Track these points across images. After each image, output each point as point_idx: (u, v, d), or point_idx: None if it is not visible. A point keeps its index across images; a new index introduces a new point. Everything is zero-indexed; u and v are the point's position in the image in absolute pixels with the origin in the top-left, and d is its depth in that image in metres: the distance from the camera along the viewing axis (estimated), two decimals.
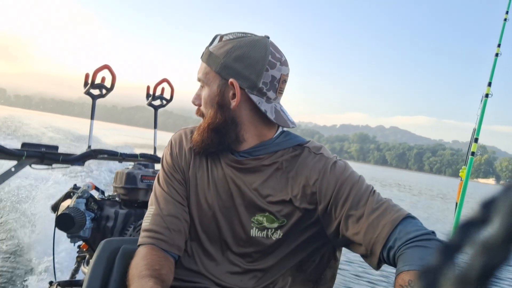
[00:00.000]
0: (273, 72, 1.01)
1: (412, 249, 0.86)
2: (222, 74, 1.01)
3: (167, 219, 1.05)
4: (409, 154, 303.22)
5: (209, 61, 1.04)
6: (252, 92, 1.01)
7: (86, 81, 2.22)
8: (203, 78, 1.05)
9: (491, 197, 0.19)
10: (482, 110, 2.55)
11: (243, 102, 1.02)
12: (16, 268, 3.36)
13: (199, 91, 1.09)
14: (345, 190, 0.99)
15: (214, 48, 1.04)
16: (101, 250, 1.17)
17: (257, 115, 1.04)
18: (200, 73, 1.06)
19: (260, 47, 1.01)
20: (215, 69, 1.02)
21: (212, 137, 1.04)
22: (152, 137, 2.70)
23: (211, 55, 1.03)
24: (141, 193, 1.95)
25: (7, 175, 1.94)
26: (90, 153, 2.12)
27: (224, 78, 1.01)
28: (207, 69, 1.04)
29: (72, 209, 1.72)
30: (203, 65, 1.06)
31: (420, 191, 32.11)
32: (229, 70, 1.01)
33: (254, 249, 1.06)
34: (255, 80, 1.00)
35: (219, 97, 1.03)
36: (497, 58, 2.73)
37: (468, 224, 0.17)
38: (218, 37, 1.05)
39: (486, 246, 0.15)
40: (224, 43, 1.02)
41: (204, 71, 1.05)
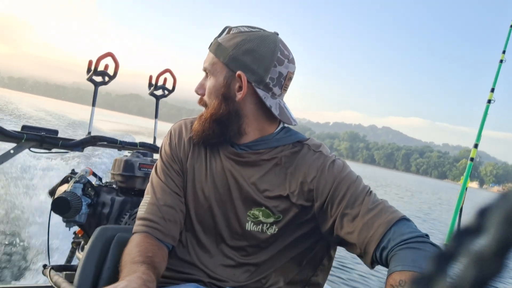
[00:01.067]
0: (281, 69, 1.02)
1: (405, 251, 0.87)
2: (230, 66, 1.02)
3: (162, 208, 1.05)
4: (397, 154, 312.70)
5: (217, 52, 1.03)
6: (258, 86, 1.02)
7: (89, 67, 2.21)
8: (210, 68, 1.05)
9: (487, 205, 0.19)
10: (484, 115, 2.55)
11: (248, 96, 1.02)
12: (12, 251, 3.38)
13: (203, 81, 1.08)
14: (342, 189, 1.00)
15: (223, 39, 1.03)
16: (96, 237, 1.17)
17: (261, 109, 1.05)
18: (207, 63, 1.06)
19: (270, 43, 1.01)
20: (223, 60, 1.02)
21: (213, 127, 1.04)
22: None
23: (220, 46, 1.03)
24: (138, 181, 1.95)
25: (5, 157, 1.94)
26: (89, 139, 2.12)
27: (231, 70, 1.02)
28: (214, 59, 1.04)
29: (69, 194, 1.72)
30: (211, 55, 1.05)
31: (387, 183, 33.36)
32: (237, 62, 1.01)
33: (248, 243, 1.06)
34: (262, 74, 1.01)
35: (224, 88, 1.03)
36: (501, 65, 2.72)
37: (463, 232, 0.17)
38: (228, 29, 1.05)
39: (479, 258, 0.15)
40: (233, 35, 1.02)
41: (212, 61, 1.05)
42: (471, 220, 0.18)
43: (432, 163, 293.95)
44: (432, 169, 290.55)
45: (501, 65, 2.72)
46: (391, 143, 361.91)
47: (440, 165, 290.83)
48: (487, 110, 2.64)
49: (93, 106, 2.33)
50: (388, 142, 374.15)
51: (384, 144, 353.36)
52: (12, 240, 3.54)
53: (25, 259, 3.22)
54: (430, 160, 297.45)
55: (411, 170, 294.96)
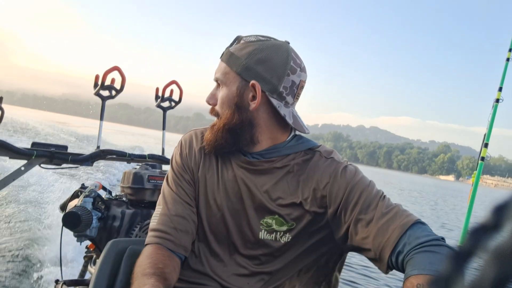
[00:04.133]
0: (294, 78, 1.03)
1: (421, 254, 0.85)
2: (243, 75, 1.01)
3: (174, 219, 1.05)
4: (379, 152, 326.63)
5: (229, 62, 1.03)
6: (272, 95, 1.02)
7: (96, 82, 2.24)
8: (222, 78, 1.05)
9: (502, 202, 0.18)
10: (493, 115, 2.52)
11: (262, 105, 1.03)
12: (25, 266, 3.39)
13: (215, 91, 1.08)
14: (355, 195, 0.99)
15: (235, 49, 1.03)
16: (108, 250, 1.17)
17: (274, 118, 1.05)
18: (219, 73, 1.06)
19: (282, 52, 1.02)
20: (235, 70, 1.02)
21: (226, 137, 1.04)
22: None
23: (232, 55, 1.03)
24: (147, 193, 1.96)
25: (16, 174, 1.96)
26: (98, 154, 2.13)
27: (244, 80, 1.02)
28: (226, 69, 1.04)
29: (79, 208, 1.73)
30: (223, 65, 1.05)
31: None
32: (250, 72, 1.01)
33: (262, 252, 1.06)
34: (276, 84, 1.01)
35: (238, 98, 1.03)
36: (508, 63, 2.69)
37: (479, 230, 0.17)
38: (239, 38, 1.05)
39: (499, 255, 0.15)
40: (245, 45, 1.03)
41: (224, 71, 1.04)
42: (487, 218, 0.18)
43: (412, 159, 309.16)
44: (413, 165, 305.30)
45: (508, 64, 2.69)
46: (373, 142, 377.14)
47: (420, 160, 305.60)
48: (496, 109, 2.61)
49: (101, 120, 2.35)
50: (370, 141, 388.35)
51: (367, 142, 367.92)
52: (25, 255, 3.56)
53: (37, 274, 3.23)
54: (411, 156, 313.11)
55: (393, 167, 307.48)
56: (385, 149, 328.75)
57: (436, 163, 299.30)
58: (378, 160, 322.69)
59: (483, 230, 0.17)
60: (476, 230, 0.17)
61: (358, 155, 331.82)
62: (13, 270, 3.26)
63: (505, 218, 0.16)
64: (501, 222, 0.16)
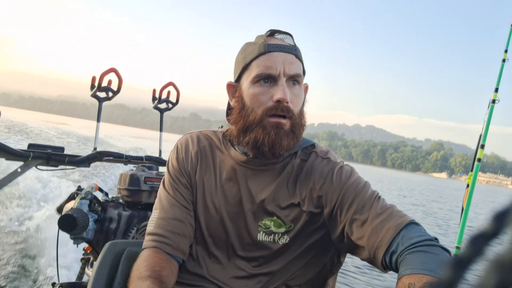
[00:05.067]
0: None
1: (414, 254, 0.86)
2: (303, 76, 1.03)
3: (171, 223, 1.05)
4: (373, 150, 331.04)
5: (301, 59, 1.03)
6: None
7: (92, 84, 2.23)
8: (301, 75, 1.01)
9: (503, 209, 0.18)
10: (489, 116, 2.53)
11: None
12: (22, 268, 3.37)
13: (286, 88, 0.98)
14: (350, 195, 0.99)
15: (296, 47, 1.02)
16: (106, 252, 1.17)
17: None
18: (299, 70, 1.01)
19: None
20: (303, 70, 1.03)
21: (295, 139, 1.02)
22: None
23: (299, 52, 1.02)
24: (144, 195, 1.95)
25: (13, 176, 1.95)
26: (95, 155, 2.13)
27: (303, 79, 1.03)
28: (301, 67, 1.02)
29: (75, 210, 1.72)
30: (299, 62, 1.01)
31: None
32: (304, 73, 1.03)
33: (260, 254, 1.06)
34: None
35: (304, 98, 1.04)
36: (504, 64, 2.71)
37: (479, 237, 0.17)
38: (288, 33, 1.03)
39: (500, 263, 0.15)
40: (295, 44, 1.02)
41: (301, 70, 1.02)
42: (487, 224, 0.18)
43: (406, 157, 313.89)
44: (406, 163, 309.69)
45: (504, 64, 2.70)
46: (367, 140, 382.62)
47: (413, 158, 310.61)
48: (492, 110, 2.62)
49: (98, 121, 2.34)
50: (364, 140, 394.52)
51: (361, 141, 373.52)
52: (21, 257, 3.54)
53: (34, 277, 3.21)
54: (404, 154, 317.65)
55: (387, 165, 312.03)
56: (379, 147, 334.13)
57: (429, 161, 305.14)
58: (372, 158, 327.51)
59: (483, 237, 0.17)
60: (477, 237, 0.17)
61: (352, 154, 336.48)
62: (9, 274, 3.24)
63: (505, 225, 0.16)
64: (502, 229, 0.17)
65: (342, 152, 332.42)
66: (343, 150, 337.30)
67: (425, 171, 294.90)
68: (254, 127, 0.99)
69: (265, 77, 0.98)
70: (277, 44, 0.99)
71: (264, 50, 0.98)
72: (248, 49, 1.03)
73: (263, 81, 0.98)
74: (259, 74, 0.98)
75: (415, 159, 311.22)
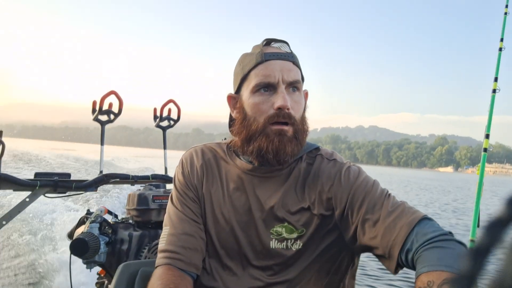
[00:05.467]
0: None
1: (430, 250, 0.84)
2: (302, 82, 1.04)
3: (182, 238, 1.04)
4: (378, 150, 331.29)
5: (298, 65, 1.03)
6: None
7: (93, 108, 2.25)
8: (299, 81, 1.02)
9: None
10: (491, 105, 2.52)
11: None
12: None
13: (288, 95, 0.99)
14: (360, 195, 0.99)
15: (292, 54, 1.03)
16: (120, 274, 1.16)
17: None
18: (298, 76, 1.01)
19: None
20: (302, 75, 1.04)
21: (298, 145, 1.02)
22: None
23: (296, 59, 1.03)
24: (153, 214, 1.95)
25: (22, 206, 1.96)
26: (102, 178, 2.13)
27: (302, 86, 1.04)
28: (299, 73, 1.03)
29: (86, 234, 1.72)
30: (297, 69, 1.02)
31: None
32: (303, 79, 1.04)
33: (274, 262, 1.05)
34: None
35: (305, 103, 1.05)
36: (501, 53, 2.70)
37: (494, 224, 0.16)
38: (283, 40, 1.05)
39: None
40: (291, 51, 1.03)
41: (299, 75, 1.02)
42: (501, 211, 0.17)
43: (410, 154, 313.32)
44: (412, 160, 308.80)
45: (501, 53, 2.70)
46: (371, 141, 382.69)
47: (418, 155, 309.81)
48: (494, 100, 2.61)
49: (102, 145, 2.35)
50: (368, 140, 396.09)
51: (365, 142, 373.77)
52: (39, 284, 3.53)
53: None
54: (409, 151, 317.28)
55: (392, 164, 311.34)
56: (383, 147, 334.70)
57: (434, 156, 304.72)
58: (377, 158, 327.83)
59: (499, 224, 0.17)
60: (492, 225, 0.17)
61: (357, 155, 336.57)
62: None
63: None
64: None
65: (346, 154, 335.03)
66: (347, 152, 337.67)
67: (431, 166, 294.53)
68: (257, 136, 0.99)
69: (264, 86, 0.99)
70: (274, 53, 1.00)
71: (261, 59, 0.99)
72: (245, 59, 1.04)
73: (263, 90, 0.99)
74: (258, 84, 0.99)
75: (420, 156, 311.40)
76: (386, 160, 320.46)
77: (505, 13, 2.74)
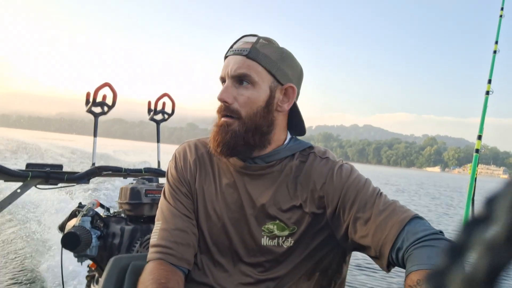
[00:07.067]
0: (301, 85, 1.09)
1: (420, 249, 0.85)
2: (278, 77, 1.02)
3: (174, 233, 1.05)
4: (368, 149, 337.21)
5: (262, 60, 1.00)
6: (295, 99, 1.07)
7: (87, 99, 2.24)
8: (254, 76, 1.00)
9: (494, 194, 0.18)
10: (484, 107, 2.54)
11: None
12: None
13: (231, 88, 1.01)
14: (352, 193, 0.99)
15: (263, 48, 1.01)
16: (111, 267, 1.16)
17: (285, 120, 1.08)
18: (248, 70, 0.99)
19: (296, 60, 1.07)
20: (271, 70, 1.01)
21: (256, 139, 1.01)
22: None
23: (263, 54, 1.01)
24: (146, 208, 1.95)
25: (13, 197, 1.95)
26: (94, 171, 2.12)
27: (277, 81, 1.02)
28: (259, 67, 1.00)
29: (78, 228, 1.71)
30: (252, 63, 1.00)
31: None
32: (284, 74, 1.03)
33: (265, 258, 1.05)
34: (298, 89, 1.06)
35: (269, 98, 1.02)
36: (495, 56, 2.72)
37: (472, 223, 0.17)
38: (258, 37, 1.04)
39: (491, 246, 0.15)
40: (269, 46, 1.03)
41: (256, 69, 1.00)
42: (479, 210, 0.18)
43: (400, 154, 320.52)
44: (401, 159, 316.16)
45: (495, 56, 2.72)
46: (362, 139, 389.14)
47: (407, 154, 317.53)
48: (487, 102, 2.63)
49: (95, 137, 2.34)
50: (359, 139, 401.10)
51: (356, 141, 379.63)
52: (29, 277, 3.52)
53: None
54: (399, 151, 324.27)
55: (382, 163, 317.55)
56: (374, 145, 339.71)
57: (423, 155, 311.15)
58: (368, 157, 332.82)
59: (477, 222, 0.17)
60: (470, 223, 0.18)
61: (348, 153, 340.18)
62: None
63: (496, 209, 0.17)
64: (493, 213, 0.17)
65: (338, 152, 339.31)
66: (338, 150, 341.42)
67: (419, 166, 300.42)
68: (214, 127, 1.05)
69: (221, 80, 1.05)
70: (233, 49, 1.03)
71: (225, 56, 1.05)
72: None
73: (222, 84, 1.05)
74: (219, 79, 1.06)
75: (409, 155, 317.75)
76: (376, 159, 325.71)
77: (500, 16, 2.76)
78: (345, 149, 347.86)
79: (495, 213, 0.17)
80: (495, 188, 0.19)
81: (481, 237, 0.16)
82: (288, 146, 1.08)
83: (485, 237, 0.16)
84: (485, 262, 0.15)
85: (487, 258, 0.15)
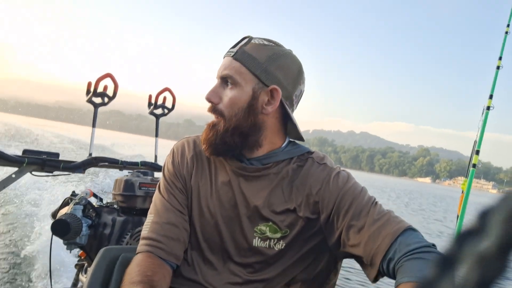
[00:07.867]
0: (302, 87, 1.07)
1: (412, 261, 0.85)
2: (262, 78, 1.01)
3: (165, 227, 1.04)
4: (362, 156, 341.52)
5: (246, 61, 1.01)
6: (286, 102, 1.03)
7: (88, 89, 2.23)
8: (236, 77, 1.01)
9: (488, 207, 0.18)
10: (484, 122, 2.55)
11: (275, 110, 1.04)
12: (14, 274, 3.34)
13: (218, 88, 1.04)
14: (347, 201, 0.99)
15: (250, 49, 1.02)
16: (100, 258, 1.16)
17: (279, 124, 1.06)
18: (231, 71, 1.01)
19: (296, 61, 1.05)
20: (254, 71, 1.00)
21: (235, 139, 1.02)
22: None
23: (249, 56, 1.01)
24: (139, 201, 1.94)
25: (7, 182, 1.94)
26: (91, 161, 2.12)
27: (262, 82, 1.01)
28: (242, 68, 1.01)
29: (68, 215, 1.71)
30: (236, 64, 1.01)
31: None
32: (270, 76, 1.01)
33: (256, 260, 1.05)
34: (291, 91, 1.03)
35: (252, 99, 1.01)
36: (498, 71, 2.73)
37: (464, 235, 0.17)
38: (250, 38, 1.04)
39: (482, 259, 0.15)
40: (261, 47, 1.02)
41: (239, 70, 1.01)
42: (472, 223, 0.18)
43: (393, 163, 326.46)
44: (394, 168, 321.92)
45: (498, 72, 2.73)
46: (357, 146, 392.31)
47: (400, 164, 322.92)
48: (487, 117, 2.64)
49: (93, 127, 2.34)
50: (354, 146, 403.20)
51: (350, 147, 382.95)
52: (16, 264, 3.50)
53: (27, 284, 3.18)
54: (392, 160, 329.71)
55: (375, 170, 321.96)
56: (368, 153, 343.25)
57: (415, 166, 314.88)
58: (361, 163, 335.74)
59: (468, 235, 0.17)
60: (461, 236, 0.17)
61: (342, 159, 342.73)
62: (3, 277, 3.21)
63: (488, 223, 0.17)
64: (485, 227, 0.17)
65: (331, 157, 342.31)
66: (332, 155, 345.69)
67: (411, 176, 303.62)
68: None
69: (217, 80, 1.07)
70: (228, 50, 1.05)
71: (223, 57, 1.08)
72: None
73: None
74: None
75: (402, 165, 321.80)
76: (369, 166, 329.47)
77: (506, 32, 2.76)
78: (339, 154, 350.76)
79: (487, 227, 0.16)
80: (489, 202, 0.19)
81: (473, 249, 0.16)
82: (285, 149, 1.08)
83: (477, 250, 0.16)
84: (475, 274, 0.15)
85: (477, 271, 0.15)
